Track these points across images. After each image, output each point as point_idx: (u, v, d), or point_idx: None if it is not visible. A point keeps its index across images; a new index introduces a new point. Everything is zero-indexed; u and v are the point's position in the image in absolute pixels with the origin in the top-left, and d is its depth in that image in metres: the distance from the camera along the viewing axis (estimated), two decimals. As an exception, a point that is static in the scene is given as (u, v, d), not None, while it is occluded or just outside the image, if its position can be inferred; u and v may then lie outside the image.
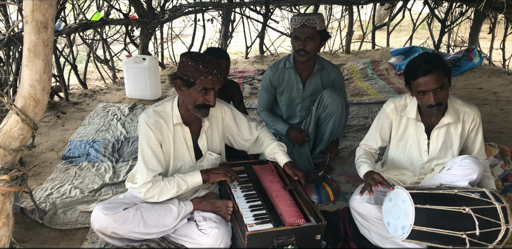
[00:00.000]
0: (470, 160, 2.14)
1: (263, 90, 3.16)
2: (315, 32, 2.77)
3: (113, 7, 5.51)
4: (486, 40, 7.18)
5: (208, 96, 2.09)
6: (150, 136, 2.14)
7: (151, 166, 2.13)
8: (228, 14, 6.90)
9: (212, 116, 2.35)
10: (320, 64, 2.99)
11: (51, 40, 1.70)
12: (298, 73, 3.01)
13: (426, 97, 2.11)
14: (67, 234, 2.45)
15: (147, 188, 2.11)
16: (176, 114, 2.21)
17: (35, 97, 1.73)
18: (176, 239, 2.19)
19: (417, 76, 2.08)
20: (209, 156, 2.36)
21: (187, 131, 2.26)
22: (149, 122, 2.15)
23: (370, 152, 2.45)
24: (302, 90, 3.03)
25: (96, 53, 5.73)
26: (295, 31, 2.81)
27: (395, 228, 1.93)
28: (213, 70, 2.05)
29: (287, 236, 1.92)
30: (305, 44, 2.79)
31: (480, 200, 1.87)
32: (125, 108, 4.58)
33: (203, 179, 2.18)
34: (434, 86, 2.06)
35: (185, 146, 2.28)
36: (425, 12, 7.16)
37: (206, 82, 2.06)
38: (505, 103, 4.63)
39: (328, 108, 2.90)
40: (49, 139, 3.81)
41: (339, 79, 3.06)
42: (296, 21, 2.78)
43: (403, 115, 2.33)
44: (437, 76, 2.05)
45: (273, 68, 3.06)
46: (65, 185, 2.98)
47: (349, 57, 7.04)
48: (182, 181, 2.15)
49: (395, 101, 2.36)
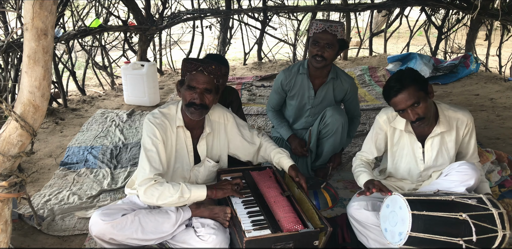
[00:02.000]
0: (467, 166, 2.15)
1: (274, 92, 3.14)
2: (335, 40, 2.74)
3: (112, 13, 5.54)
4: (483, 46, 7.24)
5: (194, 94, 2.12)
6: (156, 134, 2.16)
7: (153, 164, 2.12)
8: (226, 21, 6.94)
9: (214, 122, 2.36)
10: (334, 73, 2.97)
11: (50, 47, 1.71)
12: (311, 79, 2.98)
13: (405, 115, 2.15)
14: (65, 241, 2.45)
15: (148, 185, 2.05)
16: (179, 117, 2.24)
17: (35, 104, 1.74)
18: (174, 245, 2.19)
19: (390, 97, 2.13)
20: (207, 163, 2.37)
21: (188, 135, 2.28)
22: (155, 122, 2.18)
23: (367, 161, 2.47)
24: (313, 97, 3.01)
25: (94, 60, 5.75)
26: (314, 36, 2.76)
27: (392, 235, 1.93)
28: (198, 66, 2.08)
29: (285, 242, 1.92)
30: (324, 50, 2.75)
31: (477, 206, 1.88)
32: (124, 114, 4.58)
33: (207, 195, 2.13)
34: (408, 104, 2.09)
35: (185, 150, 2.29)
36: (422, 19, 7.21)
37: (191, 78, 2.11)
38: (501, 109, 4.65)
39: (329, 126, 2.90)
40: (47, 145, 3.82)
41: (352, 90, 3.04)
42: (318, 26, 2.73)
43: (393, 126, 2.35)
44: (407, 94, 2.07)
45: (286, 72, 3.03)
46: (63, 191, 2.98)
47: (347, 63, 7.08)
48: (187, 189, 2.08)
49: (387, 112, 2.37)
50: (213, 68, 2.12)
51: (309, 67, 2.96)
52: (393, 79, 2.13)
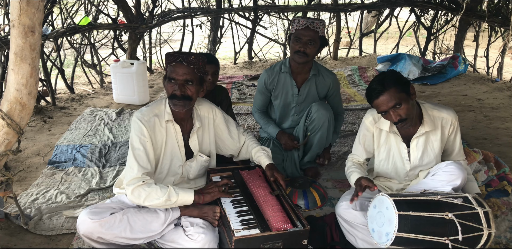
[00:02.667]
0: (454, 166, 2.18)
1: (258, 92, 3.16)
2: (317, 36, 2.78)
3: (101, 11, 5.50)
4: (471, 48, 7.31)
5: (175, 86, 2.12)
6: (144, 133, 2.15)
7: (141, 163, 2.11)
8: (217, 20, 6.92)
9: (203, 117, 2.37)
10: (316, 69, 3.00)
11: (38, 45, 1.70)
12: (294, 77, 3.01)
13: (388, 116, 2.17)
14: (53, 240, 2.43)
15: (136, 185, 2.04)
16: (167, 111, 2.23)
17: (21, 102, 1.72)
18: (163, 244, 2.18)
19: (372, 100, 2.16)
20: (199, 158, 2.37)
21: (178, 129, 2.27)
22: (143, 120, 2.16)
23: (358, 163, 2.49)
24: (297, 95, 3.04)
25: (83, 58, 5.70)
26: (296, 32, 2.79)
27: (379, 235, 1.95)
28: (178, 57, 2.08)
29: (274, 241, 1.93)
30: (306, 46, 2.79)
31: (462, 206, 1.90)
32: (113, 113, 4.55)
33: (194, 200, 2.11)
34: (389, 105, 2.11)
35: (176, 145, 2.29)
36: (412, 19, 7.26)
37: (171, 70, 2.11)
38: (489, 110, 4.71)
39: (315, 122, 2.93)
40: (35, 143, 3.78)
41: (335, 85, 3.07)
42: (300, 22, 2.77)
43: (378, 127, 2.37)
44: (388, 96, 2.09)
45: (269, 71, 3.06)
46: (51, 190, 2.95)
47: (337, 63, 7.10)
48: (174, 193, 2.07)
49: (373, 113, 2.39)
50: (193, 58, 2.10)
51: (290, 65, 2.99)
52: (375, 81, 2.15)
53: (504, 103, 4.87)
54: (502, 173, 2.98)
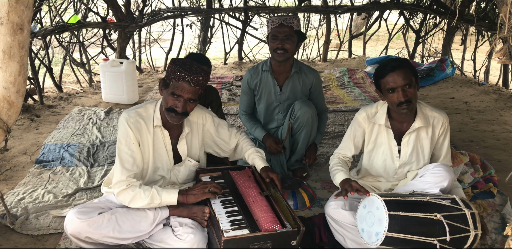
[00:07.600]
0: (441, 168, 2.21)
1: (242, 93, 3.18)
2: (292, 31, 2.81)
3: (91, 10, 5.46)
4: (459, 51, 7.39)
5: (177, 102, 2.10)
6: (129, 135, 2.14)
7: (126, 165, 2.11)
8: (207, 20, 6.91)
9: (193, 123, 2.36)
10: (297, 67, 3.02)
11: (27, 42, 1.69)
12: (275, 76, 3.03)
13: (395, 95, 2.17)
14: (39, 240, 2.40)
15: (121, 189, 2.08)
16: (157, 117, 2.22)
17: (9, 100, 1.71)
18: (151, 244, 2.17)
19: (385, 73, 2.16)
20: (187, 162, 2.36)
21: (167, 134, 2.26)
22: (129, 121, 2.15)
23: (344, 160, 2.49)
24: (279, 93, 3.05)
25: (72, 56, 5.65)
26: (272, 31, 2.83)
27: (369, 235, 1.96)
28: (187, 77, 2.05)
29: (263, 241, 1.93)
30: (284, 43, 2.82)
31: (450, 207, 1.92)
32: (101, 112, 4.52)
33: (178, 200, 2.11)
34: (403, 83, 2.13)
35: (164, 149, 2.28)
36: (401, 22, 7.33)
37: (176, 87, 2.08)
38: (475, 112, 4.77)
39: (299, 119, 2.94)
40: (22, 142, 3.73)
41: (317, 83, 3.09)
42: (274, 21, 2.81)
43: (373, 122, 2.39)
44: (404, 73, 2.13)
45: (251, 70, 3.08)
46: (38, 189, 2.92)
47: (326, 65, 7.14)
48: (157, 196, 2.08)
49: (366, 110, 2.41)
50: (201, 80, 2.09)
51: (271, 64, 3.01)
52: (391, 60, 2.18)
53: (490, 106, 4.94)
54: (488, 175, 3.02)
